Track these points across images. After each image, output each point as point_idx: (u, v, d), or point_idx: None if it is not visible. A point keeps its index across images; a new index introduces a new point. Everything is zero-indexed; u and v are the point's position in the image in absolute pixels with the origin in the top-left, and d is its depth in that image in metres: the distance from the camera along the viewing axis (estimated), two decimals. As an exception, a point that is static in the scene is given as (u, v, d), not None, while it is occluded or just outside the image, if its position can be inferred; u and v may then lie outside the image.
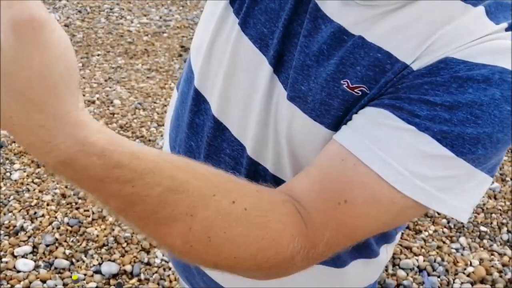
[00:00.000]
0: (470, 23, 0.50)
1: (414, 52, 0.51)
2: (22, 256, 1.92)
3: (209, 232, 0.45)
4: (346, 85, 0.54)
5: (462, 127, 0.47)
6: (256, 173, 0.64)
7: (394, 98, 0.50)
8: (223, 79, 0.64)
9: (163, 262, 1.96)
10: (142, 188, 0.40)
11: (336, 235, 0.52)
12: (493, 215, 2.28)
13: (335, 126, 0.55)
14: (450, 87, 0.48)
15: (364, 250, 0.71)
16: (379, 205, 0.50)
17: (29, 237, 2.00)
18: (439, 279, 1.97)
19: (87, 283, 1.84)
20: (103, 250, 1.97)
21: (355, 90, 0.53)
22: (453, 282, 1.96)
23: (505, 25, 0.50)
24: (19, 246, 1.95)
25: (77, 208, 2.15)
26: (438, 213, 2.21)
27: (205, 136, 0.67)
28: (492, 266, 2.02)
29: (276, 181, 0.62)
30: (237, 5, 0.63)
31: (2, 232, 2.01)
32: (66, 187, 2.26)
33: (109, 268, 1.90)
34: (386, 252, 0.77)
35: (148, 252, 1.99)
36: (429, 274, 1.99)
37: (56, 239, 2.00)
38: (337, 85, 0.54)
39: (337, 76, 0.54)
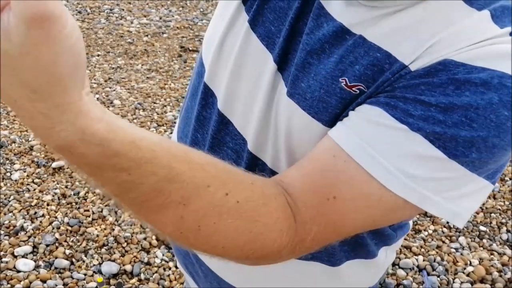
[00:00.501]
0: (472, 26, 0.50)
1: (414, 53, 0.50)
2: (22, 256, 1.92)
3: (200, 222, 0.46)
4: (344, 83, 0.54)
5: (456, 129, 0.47)
6: (255, 167, 0.65)
7: (390, 97, 0.50)
8: (230, 75, 0.65)
9: (163, 262, 1.96)
10: (138, 176, 0.41)
11: (323, 230, 0.52)
12: (493, 214, 2.28)
13: (332, 123, 0.55)
14: (447, 89, 0.47)
15: (360, 250, 0.71)
16: (367, 203, 0.50)
17: (29, 237, 2.00)
18: (438, 278, 1.97)
19: (87, 283, 1.85)
20: (103, 250, 1.98)
21: (353, 89, 0.54)
22: (453, 282, 1.96)
23: (509, 29, 0.49)
24: (19, 246, 1.96)
25: (77, 208, 2.16)
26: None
27: (210, 129, 0.69)
28: (492, 265, 2.02)
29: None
30: (249, 3, 0.64)
31: (2, 232, 2.01)
32: (66, 187, 2.26)
33: (109, 268, 1.90)
34: (385, 255, 0.76)
35: (148, 252, 1.99)
36: (428, 274, 1.99)
37: (56, 239, 2.00)
38: (335, 83, 0.54)
39: (335, 74, 0.54)
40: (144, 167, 0.41)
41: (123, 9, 4.24)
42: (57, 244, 1.98)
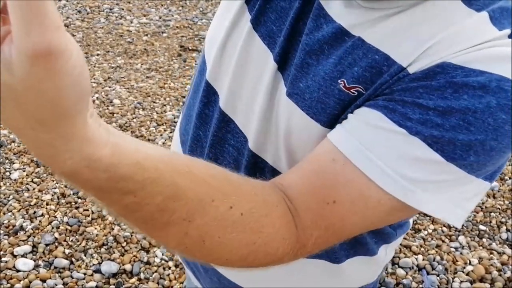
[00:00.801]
0: (471, 28, 0.49)
1: (411, 55, 0.50)
2: (22, 256, 1.92)
3: (204, 237, 0.46)
4: (343, 84, 0.54)
5: (453, 132, 0.47)
6: (256, 165, 0.66)
7: (388, 100, 0.50)
8: (232, 74, 0.65)
9: (163, 261, 1.96)
10: (143, 197, 0.41)
11: (324, 233, 0.52)
12: (492, 214, 2.28)
13: (331, 124, 0.55)
14: (445, 92, 0.48)
15: (360, 248, 0.72)
16: (366, 206, 0.50)
17: (28, 236, 2.00)
18: (438, 278, 1.97)
19: (87, 282, 1.85)
20: (102, 250, 1.98)
21: (351, 90, 0.54)
22: (452, 281, 1.96)
23: (508, 31, 0.49)
24: (19, 245, 1.96)
25: (76, 208, 2.16)
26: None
27: (212, 126, 0.69)
28: (491, 265, 2.02)
29: (275, 174, 0.64)
30: (252, 3, 0.65)
31: (1, 231, 2.01)
32: (65, 186, 2.26)
33: (108, 267, 1.90)
34: (385, 252, 0.77)
35: (147, 251, 1.99)
36: (428, 273, 1.99)
37: (56, 239, 2.00)
38: (334, 84, 0.54)
39: (334, 76, 0.55)
40: (150, 188, 0.40)
41: (122, 9, 4.24)
42: (56, 244, 1.98)
